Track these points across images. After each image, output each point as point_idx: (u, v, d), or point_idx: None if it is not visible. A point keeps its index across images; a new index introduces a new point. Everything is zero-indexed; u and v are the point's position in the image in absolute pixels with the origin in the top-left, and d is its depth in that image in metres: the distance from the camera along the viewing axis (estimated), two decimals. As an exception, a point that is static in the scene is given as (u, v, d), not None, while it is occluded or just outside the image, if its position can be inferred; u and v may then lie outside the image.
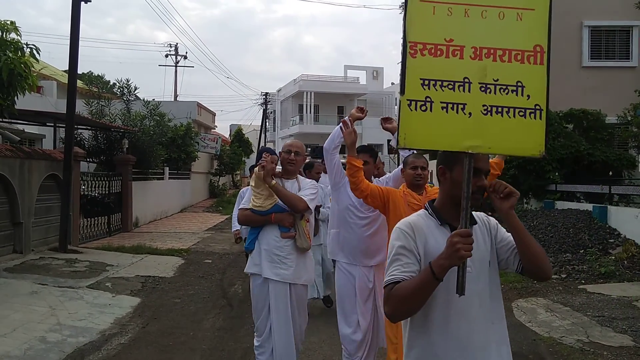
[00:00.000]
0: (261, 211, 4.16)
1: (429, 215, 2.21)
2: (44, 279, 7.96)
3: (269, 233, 4.16)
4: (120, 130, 15.55)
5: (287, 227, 4.13)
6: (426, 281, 1.94)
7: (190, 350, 5.54)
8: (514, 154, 2.08)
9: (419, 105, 2.03)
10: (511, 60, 2.04)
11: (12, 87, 8.32)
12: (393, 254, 2.11)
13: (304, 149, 4.47)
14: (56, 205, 10.77)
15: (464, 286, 1.95)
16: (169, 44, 51.46)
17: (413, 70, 2.04)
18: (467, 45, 2.04)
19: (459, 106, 2.02)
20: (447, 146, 2.06)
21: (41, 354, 5.17)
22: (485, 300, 2.12)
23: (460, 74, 2.03)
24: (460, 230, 1.92)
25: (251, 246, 4.23)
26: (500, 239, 2.21)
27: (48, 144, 18.26)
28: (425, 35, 2.05)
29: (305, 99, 44.40)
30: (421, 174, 4.05)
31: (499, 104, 2.02)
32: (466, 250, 1.87)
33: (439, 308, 2.08)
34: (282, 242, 4.12)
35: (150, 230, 15.67)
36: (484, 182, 2.16)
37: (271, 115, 50.98)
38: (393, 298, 2.02)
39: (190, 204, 23.98)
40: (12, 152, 9.26)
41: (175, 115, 21.49)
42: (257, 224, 4.24)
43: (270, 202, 4.16)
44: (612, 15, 17.49)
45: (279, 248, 4.12)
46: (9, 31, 8.41)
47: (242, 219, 4.38)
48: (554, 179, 14.12)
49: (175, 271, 9.57)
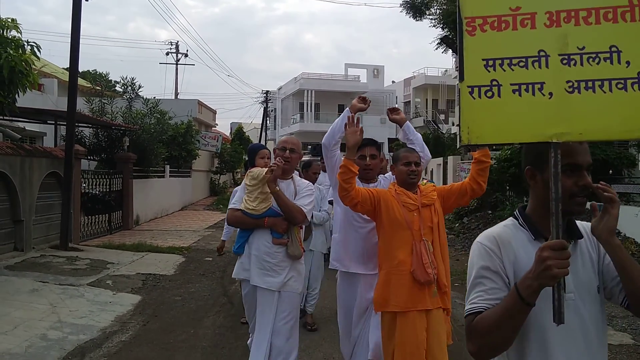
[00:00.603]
0: (254, 214, 3.92)
1: (519, 226, 1.79)
2: (44, 277, 7.97)
3: (259, 238, 3.92)
4: (121, 128, 15.56)
5: (280, 233, 3.90)
6: (514, 307, 1.55)
7: (191, 348, 5.55)
8: (615, 138, 1.66)
9: (483, 92, 1.69)
10: (599, 20, 1.64)
11: (13, 85, 8.32)
12: (474, 277, 1.73)
13: (300, 146, 4.16)
14: (57, 203, 10.78)
15: (562, 313, 1.54)
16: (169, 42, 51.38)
17: (473, 51, 1.71)
18: (539, 11, 1.68)
19: (536, 86, 1.66)
20: (524, 137, 1.68)
21: (42, 352, 5.18)
22: (590, 335, 1.69)
23: (534, 46, 1.67)
24: (552, 242, 1.51)
25: (240, 250, 4.02)
26: (609, 260, 1.71)
27: (49, 141, 18.27)
28: (485, 7, 1.72)
29: (306, 97, 44.38)
30: (415, 170, 3.63)
31: (588, 77, 1.63)
32: (560, 267, 1.46)
33: (535, 341, 1.69)
34: (273, 248, 3.90)
35: (151, 228, 15.69)
36: (587, 180, 1.72)
37: (272, 114, 50.98)
38: (476, 332, 1.64)
39: (190, 202, 23.99)
40: (13, 150, 9.27)
41: (176, 113, 21.47)
42: (247, 227, 4.00)
43: (265, 205, 3.92)
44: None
45: (269, 254, 3.89)
46: (10, 29, 8.42)
47: (232, 220, 4.11)
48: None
49: (176, 269, 9.59)
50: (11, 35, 8.48)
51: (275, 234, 3.90)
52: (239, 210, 4.01)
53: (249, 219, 3.95)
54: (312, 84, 44.61)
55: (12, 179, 9.15)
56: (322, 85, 44.80)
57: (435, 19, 14.52)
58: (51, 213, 10.68)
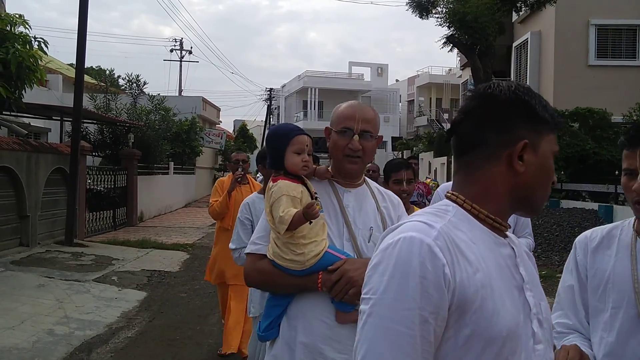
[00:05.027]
0: (296, 270, 1.95)
1: None
2: (50, 272, 8.00)
3: (310, 310, 1.97)
4: (125, 124, 15.58)
5: (352, 302, 1.88)
6: None
7: (197, 345, 5.56)
8: None
9: None
10: None
11: (20, 81, 8.34)
12: None
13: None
14: (62, 198, 10.81)
15: None
16: (174, 39, 51.44)
17: None
18: None
19: None
20: None
21: (49, 347, 5.20)
22: None
23: None
24: None
25: (271, 335, 2.04)
26: None
27: (53, 137, 18.29)
28: None
29: (310, 95, 44.37)
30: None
31: None
32: None
33: None
34: (339, 330, 1.92)
35: (155, 224, 15.72)
36: None
37: (275, 111, 50.98)
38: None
39: (194, 199, 24.03)
40: (20, 146, 9.29)
41: (180, 110, 21.52)
42: (284, 290, 2.04)
43: (316, 250, 1.94)
44: (618, 14, 17.44)
45: (330, 341, 1.93)
46: (18, 24, 8.43)
47: (255, 278, 2.11)
48: (559, 178, 14.10)
49: (180, 266, 9.61)
50: (19, 31, 8.50)
51: (341, 304, 1.92)
52: (262, 256, 2.05)
53: (287, 278, 1.98)
54: (315, 82, 44.59)
55: (19, 174, 9.17)
56: (325, 83, 44.77)
57: (442, 17, 14.49)
58: (56, 209, 10.71)
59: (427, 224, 1.10)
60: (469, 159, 1.18)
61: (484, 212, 1.16)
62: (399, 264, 1.04)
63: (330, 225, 2.02)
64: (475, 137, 1.17)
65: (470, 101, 1.20)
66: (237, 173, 5.05)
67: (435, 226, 1.09)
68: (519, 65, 21.06)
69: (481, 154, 1.16)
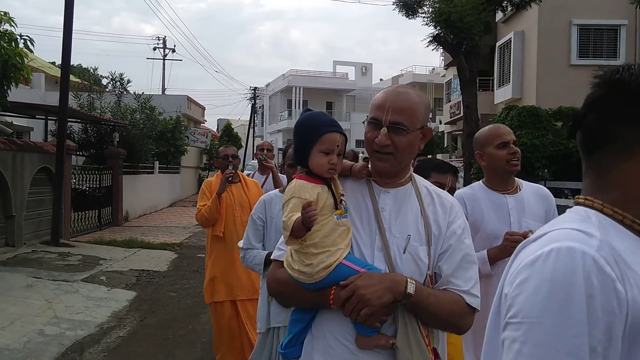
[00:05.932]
0: (307, 284, 1.71)
1: None
2: (38, 272, 7.92)
3: (332, 328, 1.72)
4: (110, 123, 15.45)
5: (375, 325, 1.63)
6: None
7: (190, 344, 5.56)
8: None
9: None
10: None
11: (6, 79, 8.24)
12: None
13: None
14: (48, 198, 10.69)
15: None
16: (157, 37, 51.03)
17: None
18: None
19: None
20: None
21: (41, 347, 5.16)
22: None
23: None
24: None
25: (291, 353, 1.81)
26: None
27: (35, 136, 18.08)
28: None
29: (294, 94, 44.38)
30: None
31: None
32: None
33: None
34: (362, 355, 1.66)
35: (141, 224, 15.61)
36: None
37: (260, 110, 50.86)
38: None
39: (179, 199, 23.90)
40: (5, 145, 9.18)
41: (165, 109, 21.37)
42: (299, 304, 1.82)
43: (329, 262, 1.67)
44: (600, 14, 17.73)
45: None
46: (3, 22, 8.32)
47: (273, 288, 1.88)
48: (542, 176, 14.30)
49: (169, 265, 9.57)
50: (4, 29, 8.39)
51: (360, 325, 1.65)
52: (279, 263, 1.84)
53: (299, 291, 1.75)
54: (300, 81, 44.63)
55: (4, 174, 9.06)
56: (310, 82, 44.83)
57: (428, 17, 14.61)
58: (42, 208, 10.59)
59: (583, 232, 0.93)
60: (599, 158, 1.02)
61: (630, 216, 0.98)
62: (557, 280, 0.87)
63: (360, 231, 1.73)
64: (604, 132, 1.00)
65: (595, 90, 1.03)
66: (226, 171, 4.42)
67: (595, 234, 0.92)
68: (502, 65, 21.31)
69: (613, 152, 0.99)
